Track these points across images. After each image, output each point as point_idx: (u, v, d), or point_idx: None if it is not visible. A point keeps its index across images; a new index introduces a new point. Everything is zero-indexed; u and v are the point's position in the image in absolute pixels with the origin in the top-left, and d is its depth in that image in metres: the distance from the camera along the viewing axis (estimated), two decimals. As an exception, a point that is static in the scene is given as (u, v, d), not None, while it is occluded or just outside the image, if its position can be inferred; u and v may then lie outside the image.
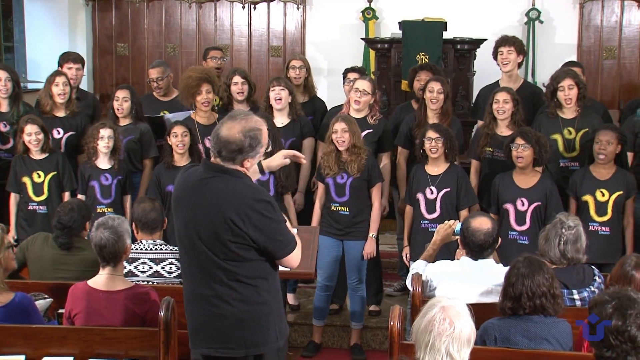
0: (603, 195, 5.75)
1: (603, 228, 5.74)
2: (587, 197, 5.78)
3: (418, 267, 4.68)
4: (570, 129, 6.17)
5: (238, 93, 6.64)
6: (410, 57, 7.78)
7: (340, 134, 5.80)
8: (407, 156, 6.47)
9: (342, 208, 5.92)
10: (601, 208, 5.75)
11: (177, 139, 6.04)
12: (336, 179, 5.90)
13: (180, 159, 6.08)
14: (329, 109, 6.96)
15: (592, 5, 9.46)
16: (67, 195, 6.26)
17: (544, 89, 6.59)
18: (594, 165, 5.84)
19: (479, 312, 3.66)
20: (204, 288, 3.63)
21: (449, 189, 5.83)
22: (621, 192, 5.74)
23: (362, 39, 9.03)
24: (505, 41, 6.73)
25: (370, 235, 5.95)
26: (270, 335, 3.70)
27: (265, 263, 3.67)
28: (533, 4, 9.41)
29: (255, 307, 3.65)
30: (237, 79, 6.66)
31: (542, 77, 9.05)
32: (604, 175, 5.80)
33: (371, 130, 6.33)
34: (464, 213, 5.82)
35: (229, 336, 3.64)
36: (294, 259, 3.76)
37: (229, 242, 3.55)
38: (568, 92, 6.10)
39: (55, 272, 4.85)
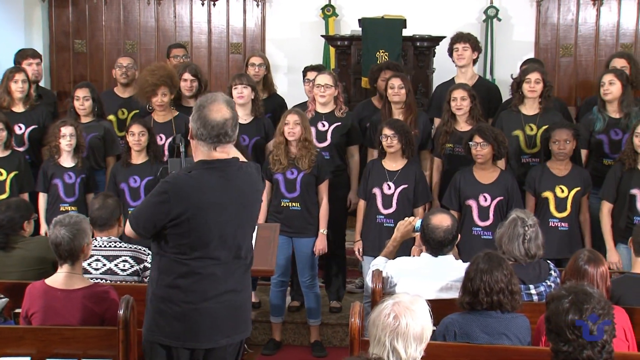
0: (562, 191, 5.82)
1: (562, 224, 5.81)
2: (547, 194, 5.84)
3: (378, 263, 4.70)
4: (532, 125, 6.24)
5: (187, 89, 6.73)
6: (370, 54, 7.80)
7: (292, 125, 5.81)
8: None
9: (293, 204, 5.92)
10: (561, 204, 5.81)
11: (134, 137, 6.01)
12: (286, 175, 5.90)
13: (137, 157, 6.06)
14: (289, 106, 6.95)
15: (548, 4, 9.56)
16: (26, 197, 6.18)
17: (500, 86, 6.66)
18: (551, 162, 5.91)
19: (439, 308, 3.69)
20: (232, 281, 3.77)
21: (406, 185, 5.86)
22: (579, 188, 5.82)
23: (322, 36, 9.03)
24: (460, 38, 6.80)
25: (321, 231, 5.97)
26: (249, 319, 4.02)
27: None
28: (491, 2, 9.48)
29: (250, 288, 3.97)
30: (186, 75, 6.75)
31: (500, 75, 9.14)
32: (562, 171, 5.87)
33: (340, 123, 6.35)
34: (419, 210, 5.86)
35: (243, 320, 3.88)
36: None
37: (252, 229, 3.93)
38: (534, 85, 6.18)
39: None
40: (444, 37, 7.88)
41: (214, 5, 9.95)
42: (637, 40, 9.48)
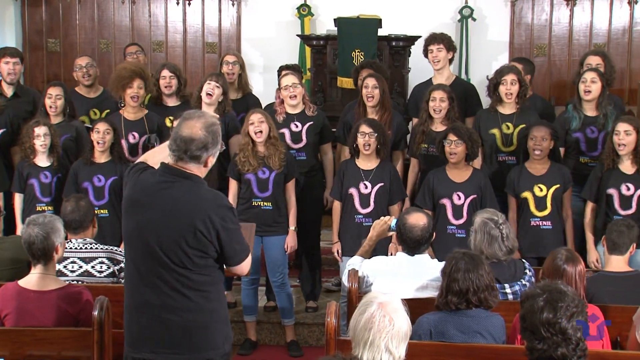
0: (541, 190, 5.85)
1: (544, 222, 5.83)
2: (526, 194, 5.87)
3: (354, 263, 4.70)
4: (509, 124, 6.27)
5: (165, 87, 6.67)
6: (345, 53, 7.81)
7: (257, 124, 5.80)
8: None
9: (265, 203, 5.91)
10: (540, 203, 5.84)
11: (99, 135, 5.96)
12: (258, 174, 5.89)
13: (100, 156, 6.01)
14: (263, 106, 6.94)
15: (523, 4, 9.62)
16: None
17: (476, 85, 6.69)
18: (529, 162, 5.94)
19: (414, 307, 3.69)
20: (152, 294, 3.59)
21: (382, 184, 5.87)
22: (558, 186, 5.85)
23: (297, 35, 9.04)
24: (434, 39, 6.79)
25: (292, 228, 5.98)
26: (217, 341, 3.69)
27: (217, 270, 3.68)
28: (466, 2, 9.52)
29: (204, 314, 3.64)
30: (165, 73, 6.69)
31: (475, 74, 9.19)
32: (540, 170, 5.90)
33: (312, 122, 6.35)
34: (395, 208, 5.88)
35: (176, 342, 3.62)
36: (246, 266, 3.78)
37: (189, 249, 3.55)
38: (510, 87, 6.20)
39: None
40: (420, 36, 7.91)
41: (189, 4, 9.92)
42: (609, 40, 9.57)
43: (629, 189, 5.71)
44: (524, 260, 4.68)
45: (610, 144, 5.75)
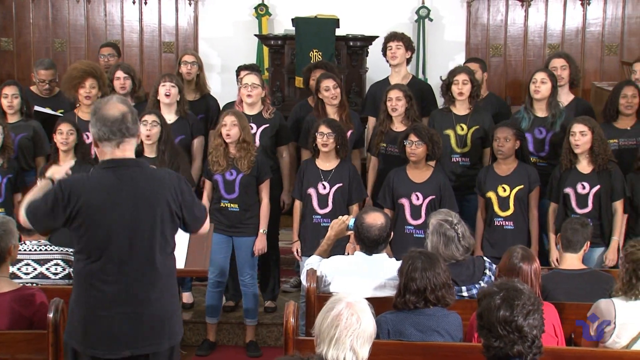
0: (504, 190, 5.90)
1: (507, 223, 5.88)
2: (490, 194, 5.92)
3: (312, 262, 4.70)
4: (463, 125, 6.32)
5: (120, 88, 6.60)
6: (303, 53, 7.81)
7: (229, 127, 5.77)
8: None
9: (232, 205, 5.89)
10: (504, 203, 5.89)
11: (62, 136, 5.89)
12: (225, 176, 5.87)
13: (65, 157, 5.91)
14: (221, 106, 6.91)
15: (479, 4, 9.72)
16: None
17: (433, 85, 6.73)
18: (496, 163, 5.99)
19: (374, 306, 3.70)
20: (136, 289, 3.64)
21: (341, 184, 5.88)
22: (522, 186, 5.89)
23: (255, 35, 9.01)
24: (393, 37, 6.85)
25: (261, 231, 5.96)
26: (181, 324, 3.87)
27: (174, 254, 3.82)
28: (423, 2, 9.58)
29: (176, 298, 3.85)
30: (119, 73, 6.65)
31: (432, 74, 9.24)
32: (505, 171, 5.95)
33: (268, 125, 6.33)
34: (354, 208, 5.90)
35: (156, 332, 3.70)
36: (207, 224, 3.96)
37: (168, 230, 3.71)
38: (462, 87, 6.25)
39: None
40: (377, 36, 7.94)
41: (146, 3, 9.83)
42: (563, 40, 9.71)
43: (584, 187, 5.79)
44: (485, 258, 4.70)
45: (567, 145, 5.83)
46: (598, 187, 5.76)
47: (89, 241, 3.63)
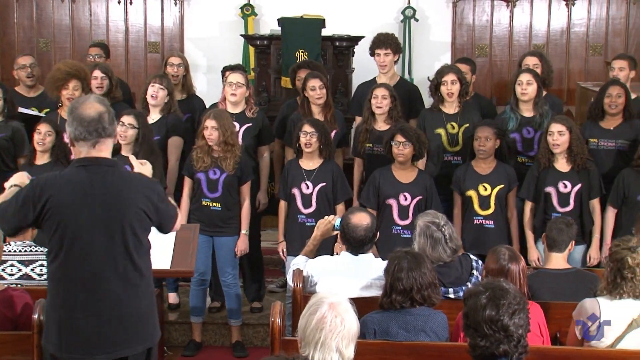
0: (485, 189, 5.92)
1: (487, 221, 5.91)
2: (471, 192, 5.94)
3: (299, 262, 4.70)
4: (453, 123, 6.32)
5: (97, 88, 6.57)
6: (289, 53, 7.80)
7: (210, 131, 5.76)
8: None
9: (214, 204, 5.87)
10: (484, 202, 5.91)
11: (39, 136, 5.87)
12: (208, 174, 5.85)
13: (41, 158, 5.91)
14: (207, 106, 6.90)
15: (464, 5, 9.75)
16: None
17: (419, 86, 6.74)
18: (475, 161, 6.01)
19: (359, 306, 3.69)
20: (108, 291, 3.60)
21: (324, 184, 5.88)
22: (502, 186, 5.93)
23: (241, 35, 9.00)
24: (381, 43, 6.77)
25: (243, 232, 5.95)
26: (157, 325, 3.81)
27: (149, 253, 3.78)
28: (408, 3, 9.60)
29: (151, 299, 3.77)
30: (97, 73, 6.63)
31: (418, 74, 9.27)
32: (485, 169, 5.97)
33: (251, 124, 6.32)
34: (340, 207, 5.90)
35: (131, 334, 3.66)
36: (179, 222, 3.96)
37: (140, 231, 3.66)
38: (450, 87, 6.26)
39: None
40: (363, 37, 7.95)
41: (131, 3, 9.81)
42: (548, 40, 9.77)
43: (566, 186, 5.83)
44: (472, 257, 4.70)
45: (545, 144, 5.86)
46: (580, 185, 5.82)
47: (59, 240, 3.60)
